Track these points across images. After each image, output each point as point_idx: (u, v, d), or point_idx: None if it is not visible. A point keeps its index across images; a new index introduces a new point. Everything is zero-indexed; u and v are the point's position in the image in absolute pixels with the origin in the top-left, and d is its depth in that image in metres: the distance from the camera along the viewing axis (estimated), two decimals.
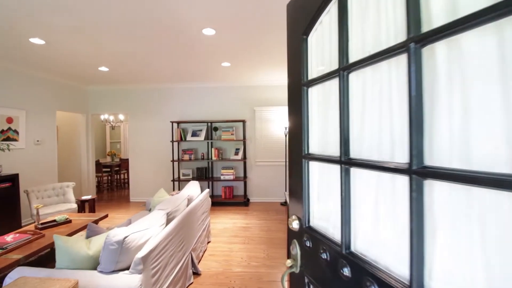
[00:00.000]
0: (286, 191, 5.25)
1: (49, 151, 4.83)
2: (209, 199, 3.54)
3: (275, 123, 5.44)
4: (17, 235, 2.54)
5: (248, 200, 5.47)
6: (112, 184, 7.20)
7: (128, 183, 7.36)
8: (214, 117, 5.62)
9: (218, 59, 3.97)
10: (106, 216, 3.43)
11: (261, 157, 5.49)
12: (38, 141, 4.59)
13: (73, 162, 5.89)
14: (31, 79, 4.45)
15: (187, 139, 5.41)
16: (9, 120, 4.06)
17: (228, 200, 5.17)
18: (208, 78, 5.18)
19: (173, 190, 5.37)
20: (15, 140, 4.16)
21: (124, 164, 7.47)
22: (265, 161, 5.49)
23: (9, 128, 4.06)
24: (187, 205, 2.80)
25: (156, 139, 5.75)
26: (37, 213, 2.94)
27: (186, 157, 5.39)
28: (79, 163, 5.86)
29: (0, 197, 3.43)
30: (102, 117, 7.43)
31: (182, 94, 5.66)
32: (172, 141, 5.34)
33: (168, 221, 2.32)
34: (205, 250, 3.21)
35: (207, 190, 3.50)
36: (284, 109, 5.38)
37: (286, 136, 5.18)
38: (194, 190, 3.13)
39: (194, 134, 5.44)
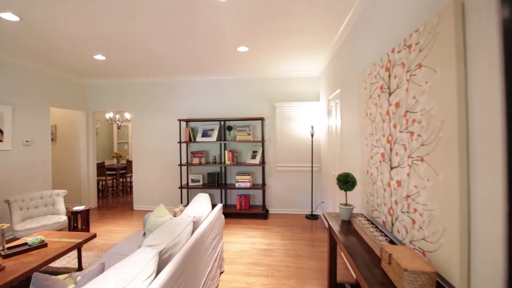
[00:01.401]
0: (312, 200, 4.43)
1: (41, 152, 4.22)
2: (222, 217, 2.77)
3: (299, 121, 4.62)
4: None
5: (267, 211, 4.68)
6: (116, 189, 6.59)
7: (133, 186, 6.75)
8: (228, 115, 4.86)
9: (233, 42, 3.20)
10: (94, 236, 2.74)
11: (282, 161, 4.69)
12: (27, 141, 3.99)
13: (72, 165, 5.30)
14: (18, 69, 3.85)
15: (197, 139, 4.68)
16: None
17: (244, 211, 4.40)
18: (221, 69, 4.43)
19: (180, 198, 4.66)
20: None
21: (130, 167, 6.86)
22: (287, 166, 4.68)
23: None
24: (193, 232, 2.04)
25: (162, 139, 5.06)
26: (2, 234, 2.27)
27: (196, 160, 4.67)
28: (79, 166, 5.26)
29: None
30: (107, 115, 6.85)
31: (191, 88, 4.95)
32: (180, 142, 4.63)
33: (163, 263, 1.57)
34: (217, 286, 2.45)
35: (219, 207, 2.73)
36: (311, 105, 4.55)
37: (312, 136, 4.35)
38: (202, 207, 2.37)
39: (205, 134, 4.71)
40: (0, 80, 3.61)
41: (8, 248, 2.29)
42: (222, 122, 4.78)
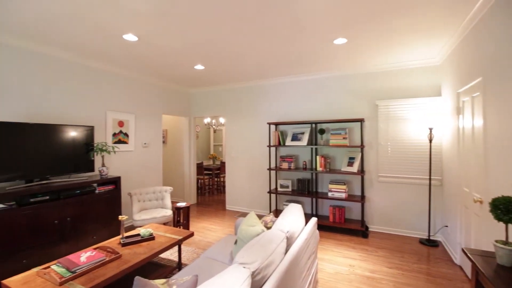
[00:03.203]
0: (429, 221, 3.51)
1: (154, 153, 4.91)
2: (317, 233, 2.42)
3: (411, 122, 3.77)
4: (94, 253, 2.18)
5: (367, 228, 4.00)
6: (212, 187, 7.15)
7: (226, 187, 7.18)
8: (320, 117, 4.46)
9: (329, 34, 2.82)
10: (192, 235, 2.87)
11: (387, 170, 3.92)
12: (145, 143, 4.70)
13: (177, 164, 6.01)
14: (139, 83, 4.59)
15: (286, 143, 4.47)
16: (121, 124, 4.21)
17: (338, 225, 3.89)
18: (313, 67, 4.09)
19: (269, 204, 4.54)
20: (125, 143, 4.30)
21: (223, 168, 7.34)
22: (393, 176, 3.89)
23: (120, 131, 4.21)
24: (286, 251, 1.79)
25: (252, 143, 5.10)
26: (122, 224, 2.61)
27: (285, 165, 4.46)
28: (182, 165, 5.93)
29: (104, 199, 3.42)
30: (205, 120, 7.55)
31: (281, 90, 4.79)
32: (269, 146, 4.53)
33: (255, 285, 1.36)
34: None
35: (314, 221, 2.39)
36: (427, 102, 3.65)
37: (430, 141, 3.45)
38: (295, 221, 2.09)
39: (295, 137, 4.45)
40: (127, 93, 4.36)
41: (126, 237, 2.61)
42: (314, 125, 4.41)
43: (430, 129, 3.45)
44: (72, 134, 3.30)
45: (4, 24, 2.58)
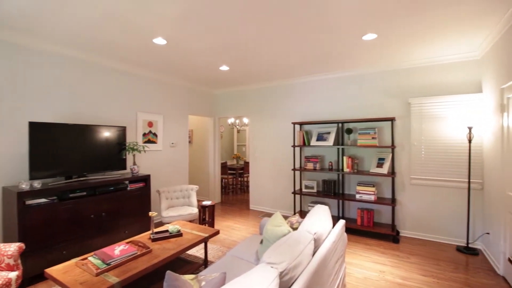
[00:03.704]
0: (468, 228, 3.25)
1: (181, 153, 5.06)
2: (345, 236, 2.34)
3: (448, 121, 3.53)
4: (127, 246, 2.29)
5: (398, 233, 3.81)
6: (235, 187, 7.22)
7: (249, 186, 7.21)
8: (347, 116, 4.32)
9: (358, 30, 2.72)
10: (217, 233, 2.90)
11: (421, 172, 3.70)
12: (172, 143, 4.86)
13: (202, 164, 6.14)
14: (166, 84, 4.75)
15: (311, 143, 4.39)
16: (150, 124, 4.39)
17: (366, 228, 3.74)
18: (340, 65, 3.97)
19: (293, 204, 4.49)
20: (154, 142, 4.48)
21: (247, 168, 7.38)
22: (427, 179, 3.66)
23: (150, 132, 4.39)
24: (314, 252, 1.75)
25: (276, 143, 5.07)
26: (152, 220, 2.72)
27: (310, 165, 4.38)
28: (207, 165, 6.05)
29: (135, 196, 3.58)
30: (229, 121, 7.65)
31: (306, 89, 4.72)
32: (294, 146, 4.47)
33: (283, 285, 1.34)
34: None
35: (341, 224, 2.32)
36: (466, 99, 3.39)
37: (469, 142, 3.20)
38: (323, 223, 2.04)
39: (320, 137, 4.36)
40: (156, 95, 4.54)
41: (155, 233, 2.71)
42: (340, 124, 4.28)
43: (470, 128, 3.20)
44: (106, 134, 3.49)
45: (51, 34, 2.80)
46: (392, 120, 3.68)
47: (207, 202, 4.07)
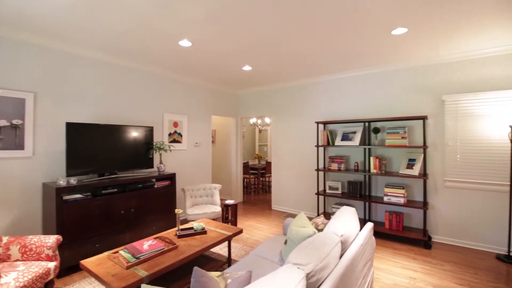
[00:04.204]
0: (510, 235, 2.98)
1: (204, 152, 5.16)
2: (373, 239, 2.25)
3: (487, 119, 3.27)
4: (155, 242, 2.37)
5: (430, 238, 3.59)
6: (257, 187, 7.23)
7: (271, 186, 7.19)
8: (374, 114, 4.15)
9: (387, 24, 2.60)
10: (241, 231, 2.91)
11: (456, 174, 3.46)
12: (196, 143, 4.96)
13: (225, 163, 6.22)
14: (190, 85, 4.86)
15: (336, 143, 4.27)
16: (175, 124, 4.52)
17: (395, 232, 3.56)
18: (367, 61, 3.83)
19: (317, 206, 4.40)
20: (179, 142, 4.60)
21: (268, 168, 7.36)
22: (463, 181, 3.42)
23: (175, 132, 4.52)
24: (341, 255, 1.69)
25: (299, 143, 5.00)
26: (178, 217, 2.79)
27: (334, 166, 4.26)
28: (229, 164, 6.11)
29: (161, 193, 3.70)
30: (251, 121, 7.67)
31: (330, 87, 4.60)
32: (317, 146, 4.38)
33: (310, 287, 1.31)
34: None
35: (370, 226, 2.22)
36: (509, 95, 3.12)
37: None
38: (350, 225, 1.97)
39: (345, 137, 4.23)
40: (181, 95, 4.66)
41: (181, 230, 2.78)
42: (367, 123, 4.12)
43: (511, 127, 2.94)
44: (135, 134, 3.64)
45: (88, 41, 2.98)
46: (424, 118, 3.48)
47: (230, 201, 4.10)
